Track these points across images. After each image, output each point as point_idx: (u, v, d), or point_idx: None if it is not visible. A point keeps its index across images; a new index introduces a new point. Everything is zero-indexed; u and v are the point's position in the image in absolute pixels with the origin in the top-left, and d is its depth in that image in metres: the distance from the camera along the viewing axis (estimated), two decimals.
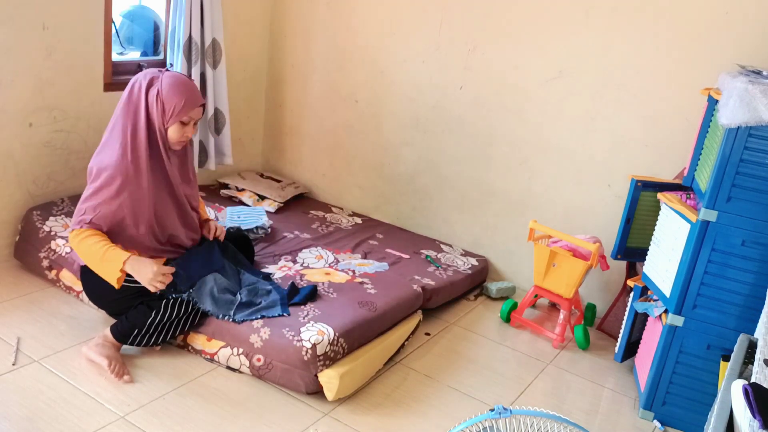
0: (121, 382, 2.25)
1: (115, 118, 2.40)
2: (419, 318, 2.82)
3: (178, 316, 2.37)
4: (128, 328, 2.34)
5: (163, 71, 2.41)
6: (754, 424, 1.27)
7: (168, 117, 2.37)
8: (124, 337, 2.35)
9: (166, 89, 2.35)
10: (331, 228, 3.49)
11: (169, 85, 2.36)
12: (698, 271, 2.27)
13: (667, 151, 2.91)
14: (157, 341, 2.39)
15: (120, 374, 2.25)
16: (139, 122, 2.36)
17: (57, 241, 2.75)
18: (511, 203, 3.37)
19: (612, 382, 2.71)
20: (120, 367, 2.27)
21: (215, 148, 3.58)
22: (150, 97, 2.36)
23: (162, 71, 2.41)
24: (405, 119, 3.59)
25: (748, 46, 2.66)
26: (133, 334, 2.34)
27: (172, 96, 2.35)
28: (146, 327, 2.34)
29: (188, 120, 2.41)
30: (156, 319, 2.34)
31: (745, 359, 1.82)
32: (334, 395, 2.26)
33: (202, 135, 3.50)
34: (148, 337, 2.36)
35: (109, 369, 2.25)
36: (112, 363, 2.27)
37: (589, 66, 3.03)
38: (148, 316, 2.34)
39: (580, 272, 2.82)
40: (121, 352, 2.37)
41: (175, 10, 3.26)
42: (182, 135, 2.41)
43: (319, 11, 3.75)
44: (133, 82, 2.41)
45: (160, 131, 2.38)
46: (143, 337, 2.35)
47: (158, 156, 2.41)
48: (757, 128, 2.09)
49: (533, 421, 1.43)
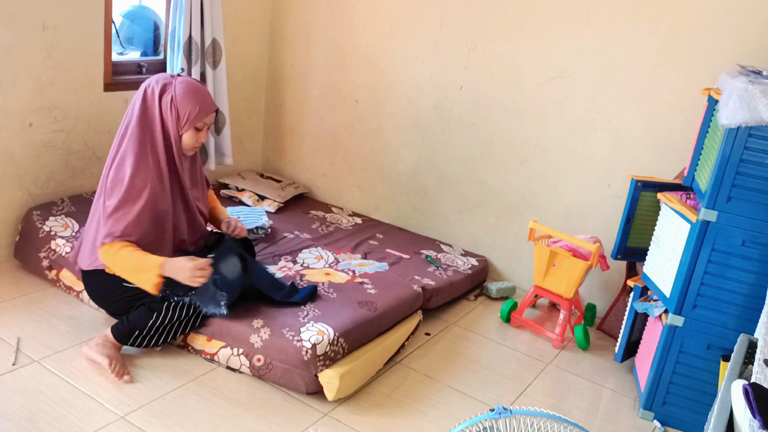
0: (122, 381, 2.25)
1: (130, 126, 2.37)
2: (419, 318, 2.82)
3: (179, 319, 2.37)
4: (129, 329, 2.34)
5: (176, 77, 2.40)
6: (754, 425, 1.27)
7: (183, 123, 2.37)
8: (125, 337, 2.35)
9: (180, 96, 2.35)
10: (331, 228, 3.49)
11: (183, 91, 2.36)
12: (698, 271, 2.27)
13: (667, 151, 2.91)
14: (157, 343, 2.39)
15: (120, 374, 2.26)
16: (156, 129, 2.37)
17: (57, 241, 2.75)
18: (511, 203, 3.37)
19: (612, 382, 2.71)
20: (120, 367, 2.28)
21: (215, 148, 3.58)
22: (164, 104, 2.36)
23: (174, 77, 2.40)
24: (405, 119, 3.59)
25: (748, 46, 2.66)
26: (134, 335, 2.34)
27: (186, 103, 2.35)
28: (147, 329, 2.34)
29: (202, 126, 2.41)
30: (157, 321, 2.34)
31: (745, 359, 1.82)
32: (334, 395, 2.26)
33: None
34: (149, 338, 2.36)
35: (109, 368, 2.26)
36: (113, 362, 2.27)
37: (590, 66, 3.03)
38: (149, 318, 2.33)
39: (580, 272, 2.82)
40: (122, 353, 2.37)
41: (175, 10, 3.26)
42: (196, 141, 2.43)
43: (319, 11, 3.75)
44: (145, 89, 2.39)
45: (174, 138, 2.39)
46: (144, 338, 2.35)
47: (172, 162, 2.41)
48: (757, 128, 2.09)
49: (533, 421, 1.43)
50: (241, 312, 2.44)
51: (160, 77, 2.40)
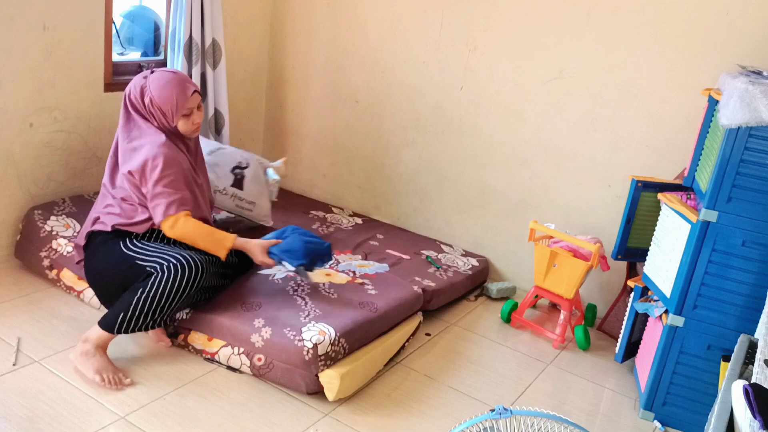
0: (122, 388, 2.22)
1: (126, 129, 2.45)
2: (419, 320, 2.82)
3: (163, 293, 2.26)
4: (114, 315, 2.26)
5: (148, 76, 2.44)
6: (755, 425, 1.27)
7: (170, 118, 2.42)
8: (112, 325, 2.26)
9: (156, 94, 2.40)
10: (332, 228, 3.49)
11: (157, 88, 2.40)
12: (699, 271, 2.27)
13: (668, 152, 2.91)
14: (144, 323, 2.27)
15: (117, 383, 2.21)
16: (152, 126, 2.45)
17: (58, 240, 2.76)
18: (511, 203, 3.37)
19: (612, 382, 2.71)
20: (113, 376, 2.23)
21: None
22: (147, 106, 2.42)
23: (146, 77, 2.44)
24: (405, 119, 3.59)
25: (748, 46, 2.66)
26: (119, 318, 2.25)
27: (164, 98, 2.40)
28: (131, 308, 2.25)
29: (189, 111, 2.45)
30: (141, 297, 2.25)
31: (746, 359, 1.82)
32: (334, 395, 2.26)
33: (202, 135, 3.50)
34: (135, 319, 2.25)
35: (103, 384, 2.20)
36: (104, 376, 2.21)
37: (590, 66, 3.03)
38: (134, 297, 2.25)
39: (580, 273, 2.82)
40: (121, 355, 2.37)
41: (175, 10, 3.26)
42: (192, 124, 2.48)
43: (320, 11, 3.75)
44: (128, 97, 2.45)
45: (170, 130, 2.46)
46: (130, 320, 2.25)
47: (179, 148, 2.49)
48: (757, 129, 2.09)
49: (533, 422, 1.43)
50: (241, 311, 2.44)
51: (135, 81, 2.45)
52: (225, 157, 3.11)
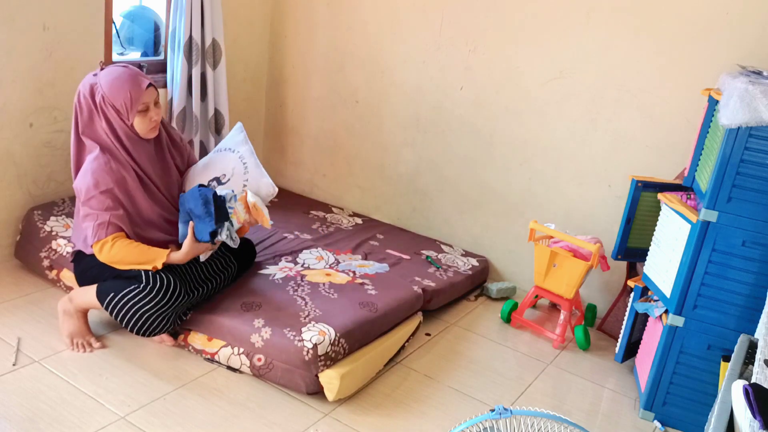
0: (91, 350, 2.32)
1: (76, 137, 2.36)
2: (419, 320, 2.82)
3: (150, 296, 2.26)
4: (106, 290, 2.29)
5: (98, 72, 2.34)
6: (755, 425, 1.27)
7: (125, 115, 2.32)
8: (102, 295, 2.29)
9: (107, 90, 2.29)
10: (332, 228, 3.49)
11: (108, 84, 2.29)
12: (699, 271, 2.27)
13: (668, 152, 2.91)
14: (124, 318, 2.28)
15: (85, 347, 2.29)
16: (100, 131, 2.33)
17: (58, 241, 2.76)
18: (511, 203, 3.37)
19: (612, 382, 2.71)
20: (83, 341, 2.35)
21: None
22: (98, 105, 2.31)
23: (97, 73, 2.34)
24: (405, 119, 3.59)
25: (748, 46, 2.66)
26: (110, 296, 2.27)
27: (116, 94, 2.29)
28: (122, 294, 2.26)
29: (144, 107, 2.34)
30: (132, 291, 2.26)
31: (746, 360, 1.82)
32: (334, 396, 2.26)
33: (202, 135, 3.50)
34: (120, 306, 2.26)
35: (71, 348, 2.34)
36: (74, 341, 2.34)
37: (590, 66, 3.03)
38: (129, 285, 2.27)
39: (580, 273, 2.82)
40: (120, 354, 2.37)
41: (175, 10, 3.26)
42: (149, 121, 2.36)
43: (319, 11, 3.75)
44: (78, 97, 2.34)
45: (125, 131, 2.34)
46: (116, 304, 2.26)
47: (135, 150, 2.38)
48: (757, 129, 2.09)
49: (533, 422, 1.43)
50: (241, 311, 2.44)
51: (86, 80, 2.34)
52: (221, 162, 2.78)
